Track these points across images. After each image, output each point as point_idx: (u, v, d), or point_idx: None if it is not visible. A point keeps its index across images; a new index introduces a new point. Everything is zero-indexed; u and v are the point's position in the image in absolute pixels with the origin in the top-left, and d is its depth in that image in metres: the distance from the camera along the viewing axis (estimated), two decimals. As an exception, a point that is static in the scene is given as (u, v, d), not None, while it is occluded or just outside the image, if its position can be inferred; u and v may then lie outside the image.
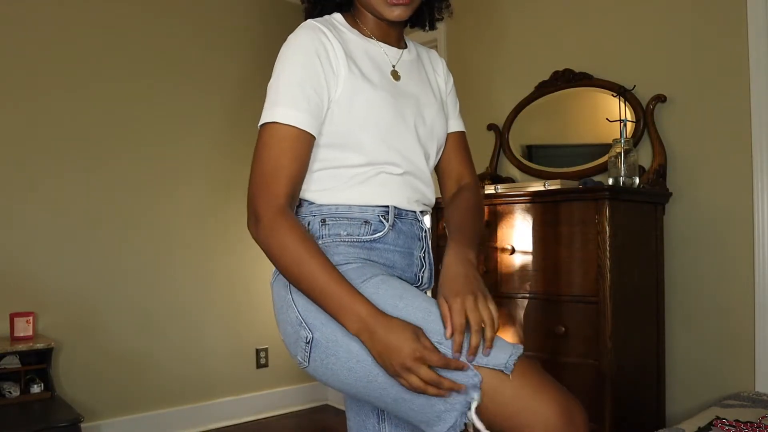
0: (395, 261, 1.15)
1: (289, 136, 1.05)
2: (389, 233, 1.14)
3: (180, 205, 3.25)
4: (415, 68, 1.27)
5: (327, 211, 1.12)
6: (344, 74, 1.10)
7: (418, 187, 1.21)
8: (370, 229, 1.12)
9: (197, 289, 3.29)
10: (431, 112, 1.24)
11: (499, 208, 2.32)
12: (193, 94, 3.30)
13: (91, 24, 3.00)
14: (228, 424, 3.32)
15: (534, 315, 2.19)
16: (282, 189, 1.04)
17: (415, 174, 1.19)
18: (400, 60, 1.23)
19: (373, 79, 1.14)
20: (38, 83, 2.85)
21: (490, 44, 3.06)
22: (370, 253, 1.12)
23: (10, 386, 2.51)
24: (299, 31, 1.11)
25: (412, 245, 1.18)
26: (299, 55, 1.08)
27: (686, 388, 2.28)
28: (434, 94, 1.29)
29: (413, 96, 1.21)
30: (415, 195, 1.20)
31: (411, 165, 1.18)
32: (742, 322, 2.15)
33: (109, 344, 2.99)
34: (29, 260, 2.80)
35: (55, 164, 2.88)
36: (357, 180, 1.13)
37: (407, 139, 1.17)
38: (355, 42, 1.17)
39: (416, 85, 1.24)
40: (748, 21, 2.14)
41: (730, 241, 2.20)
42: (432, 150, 1.25)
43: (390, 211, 1.14)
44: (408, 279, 1.18)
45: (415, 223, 1.20)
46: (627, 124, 2.31)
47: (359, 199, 1.12)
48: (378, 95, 1.13)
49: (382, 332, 0.96)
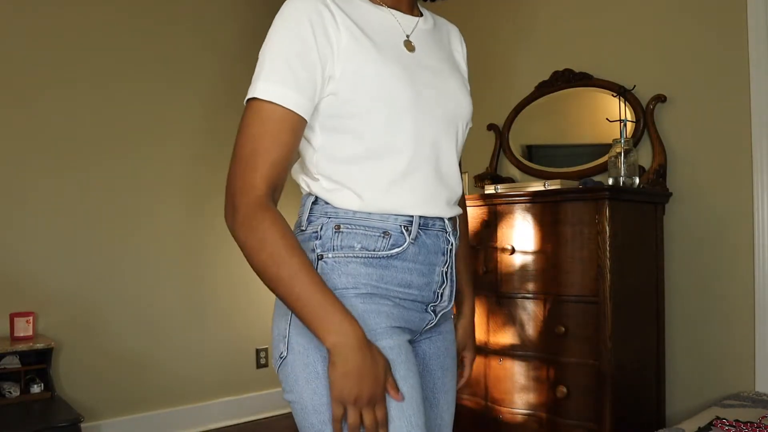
0: (412, 281, 1.00)
1: (271, 117, 0.91)
2: (409, 248, 0.99)
3: (180, 205, 3.25)
4: (433, 39, 1.10)
5: (344, 216, 0.97)
6: (346, 45, 0.94)
7: (447, 184, 1.04)
8: (389, 242, 0.97)
9: (197, 288, 3.29)
10: (455, 87, 1.07)
11: (499, 208, 2.32)
12: (189, 91, 3.30)
13: (85, 24, 3.00)
14: (228, 424, 3.32)
15: (534, 315, 2.19)
16: (262, 177, 0.90)
17: (441, 167, 1.03)
18: (416, 29, 1.07)
19: (386, 50, 0.98)
20: (33, 83, 2.85)
21: (490, 44, 3.06)
22: (385, 273, 0.97)
23: (10, 386, 2.51)
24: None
25: (434, 261, 1.03)
26: (290, 25, 0.93)
27: (686, 388, 2.28)
28: (457, 70, 1.12)
29: (432, 69, 1.04)
30: (443, 194, 1.03)
31: (436, 155, 1.02)
32: (742, 322, 2.15)
33: (109, 344, 2.98)
34: (29, 260, 2.80)
35: (55, 164, 2.88)
36: (380, 183, 0.97)
37: (429, 122, 1.00)
38: (364, 8, 1.01)
39: (435, 56, 1.07)
40: (748, 21, 2.14)
41: (730, 241, 2.20)
42: (461, 133, 1.08)
43: (414, 222, 0.99)
44: (425, 298, 1.03)
45: (442, 235, 1.03)
46: (627, 124, 2.31)
47: (381, 205, 0.97)
48: (390, 69, 0.96)
49: (361, 357, 0.88)
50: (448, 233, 1.05)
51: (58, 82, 2.90)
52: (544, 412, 2.14)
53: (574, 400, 2.06)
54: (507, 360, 2.25)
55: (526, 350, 2.20)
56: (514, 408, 2.22)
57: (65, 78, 2.92)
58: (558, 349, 2.11)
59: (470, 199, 2.42)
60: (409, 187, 0.98)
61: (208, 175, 3.34)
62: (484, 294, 2.34)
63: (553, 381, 2.11)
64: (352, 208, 0.97)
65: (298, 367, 0.95)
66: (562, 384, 2.08)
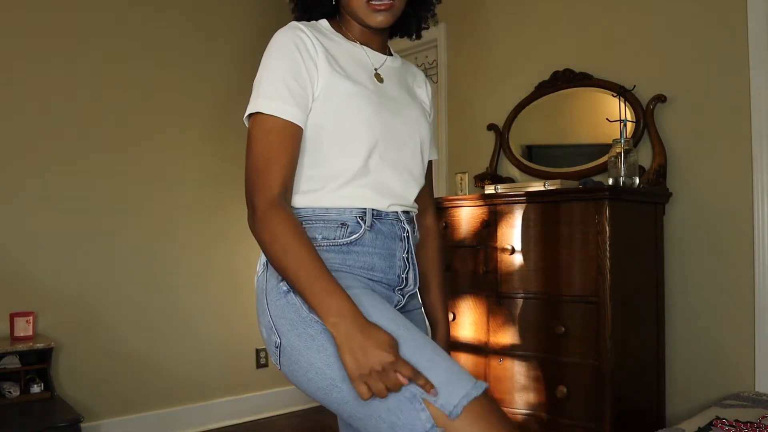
0: (374, 264, 1.13)
1: (275, 128, 1.06)
2: (366, 235, 1.12)
3: (180, 204, 3.25)
4: (398, 75, 1.27)
5: (304, 213, 1.11)
6: (323, 69, 1.10)
7: (402, 187, 1.19)
8: (347, 231, 1.10)
9: (197, 288, 3.29)
10: (415, 115, 1.23)
11: (499, 208, 2.32)
12: (186, 86, 3.29)
13: (80, 10, 3.00)
14: (228, 424, 3.32)
15: (534, 315, 2.19)
16: (274, 180, 1.04)
17: (398, 173, 1.18)
18: (384, 65, 1.24)
19: (355, 76, 1.14)
20: (34, 84, 2.85)
21: (491, 44, 3.06)
22: (347, 257, 1.10)
23: (10, 386, 2.51)
24: (280, 31, 1.12)
25: (393, 246, 1.16)
26: (280, 51, 1.09)
27: (686, 388, 2.28)
28: (417, 102, 1.28)
29: (396, 99, 1.21)
30: (396, 196, 1.18)
31: (394, 163, 1.17)
32: (742, 322, 2.15)
33: (109, 344, 2.98)
34: (29, 260, 2.80)
35: (55, 164, 2.88)
36: (336, 183, 1.12)
37: (391, 136, 1.16)
38: (338, 43, 1.18)
39: (399, 90, 1.23)
40: (748, 21, 2.14)
41: (730, 241, 2.20)
42: (418, 151, 1.23)
43: (367, 213, 1.13)
44: (390, 281, 1.16)
45: (396, 224, 1.17)
46: (627, 124, 2.31)
47: (337, 202, 1.11)
48: (359, 90, 1.12)
49: (360, 332, 0.94)
50: (403, 222, 1.18)
51: (56, 80, 2.90)
52: (544, 412, 2.14)
53: (574, 400, 2.06)
54: (507, 360, 2.25)
55: (526, 350, 2.20)
56: (514, 408, 2.22)
57: (64, 77, 2.92)
58: (558, 349, 2.11)
59: (470, 199, 2.42)
60: (363, 187, 1.12)
61: (209, 177, 3.34)
62: (484, 294, 2.34)
63: (553, 381, 2.11)
64: (311, 206, 1.11)
65: (293, 342, 1.03)
66: (562, 384, 2.08)
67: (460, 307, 2.42)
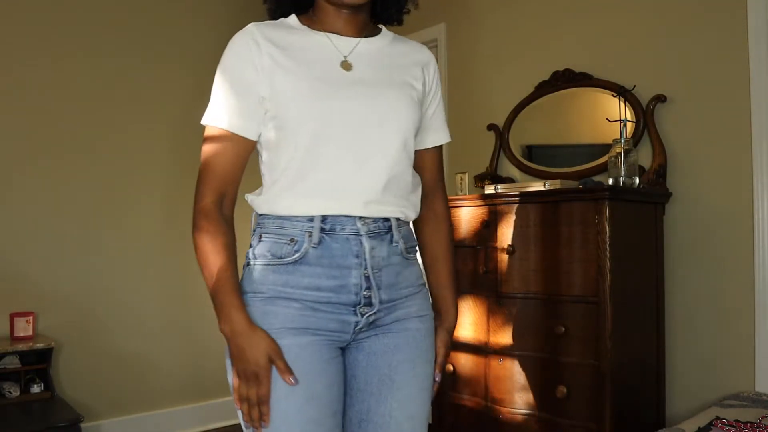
0: (320, 284, 1.08)
1: (216, 136, 1.09)
2: (309, 252, 1.07)
3: (181, 204, 3.25)
4: (379, 56, 1.18)
5: (263, 224, 1.13)
6: (267, 70, 1.08)
7: (365, 181, 1.10)
8: (293, 248, 1.08)
9: (197, 288, 3.29)
10: (393, 96, 1.14)
11: (499, 208, 2.32)
12: (185, 86, 3.30)
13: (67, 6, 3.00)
14: (228, 424, 3.32)
15: (534, 315, 2.19)
16: (207, 189, 1.09)
17: (359, 165, 1.09)
18: (356, 49, 1.16)
19: (307, 69, 1.10)
20: (34, 82, 2.84)
21: (491, 44, 3.06)
22: (290, 278, 1.08)
23: (10, 386, 2.51)
24: (232, 38, 1.13)
25: (346, 264, 1.09)
26: (224, 59, 1.12)
27: (686, 388, 2.28)
28: (400, 82, 1.17)
29: (367, 84, 1.13)
30: (355, 194, 1.09)
31: (354, 155, 1.09)
32: (742, 322, 2.15)
33: (109, 344, 2.98)
34: (29, 260, 2.80)
35: (55, 164, 2.88)
36: (282, 185, 1.09)
37: (347, 133, 1.09)
38: (299, 38, 1.14)
39: (375, 73, 1.16)
40: (748, 21, 2.14)
41: (730, 241, 2.20)
42: (395, 135, 1.13)
43: (315, 227, 1.07)
44: (345, 301, 1.09)
45: (353, 238, 1.09)
46: (627, 124, 2.31)
47: (286, 208, 1.09)
48: (309, 86, 1.08)
49: (243, 339, 1.04)
50: (362, 236, 1.10)
51: (57, 80, 2.90)
52: (544, 412, 2.14)
53: (574, 400, 2.06)
54: (507, 360, 2.25)
55: (526, 350, 2.20)
56: (514, 408, 2.22)
57: (65, 77, 2.92)
58: (558, 349, 2.11)
59: (470, 199, 2.42)
60: (312, 186, 1.08)
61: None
62: (484, 294, 2.34)
63: (553, 381, 2.11)
64: (268, 212, 1.12)
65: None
66: (562, 384, 2.08)
67: (460, 307, 2.42)
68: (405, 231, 1.19)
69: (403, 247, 1.17)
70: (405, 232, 1.19)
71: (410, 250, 1.20)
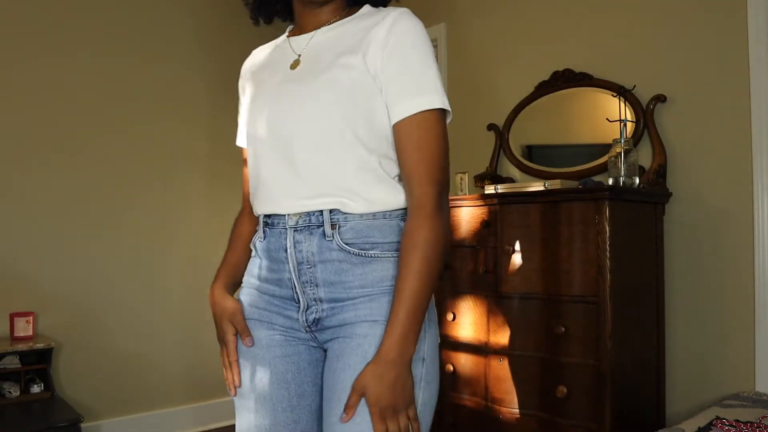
0: (267, 276, 1.14)
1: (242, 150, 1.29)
2: (257, 245, 1.16)
3: (181, 205, 3.25)
4: (330, 43, 1.10)
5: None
6: (247, 89, 1.22)
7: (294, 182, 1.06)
8: (256, 239, 1.18)
9: (197, 288, 3.29)
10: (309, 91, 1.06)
11: (499, 208, 2.32)
12: (185, 85, 3.29)
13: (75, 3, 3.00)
14: (228, 424, 3.32)
15: (534, 315, 2.19)
16: (243, 190, 1.29)
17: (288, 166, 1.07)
18: (310, 42, 1.13)
19: (263, 80, 1.17)
20: (31, 82, 2.85)
21: (490, 44, 3.06)
22: (251, 267, 1.19)
23: (10, 386, 2.51)
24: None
25: (279, 258, 1.09)
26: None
27: (686, 388, 2.28)
28: (328, 67, 1.06)
29: (297, 80, 1.09)
30: (292, 193, 1.07)
31: (286, 158, 1.07)
32: (742, 322, 2.15)
33: (109, 344, 2.98)
34: (29, 260, 2.80)
35: (55, 164, 2.88)
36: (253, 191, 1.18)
37: (272, 136, 1.09)
38: (269, 52, 1.24)
39: (314, 64, 1.09)
40: (748, 21, 2.14)
41: (730, 241, 2.20)
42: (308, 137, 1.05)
43: (260, 220, 1.15)
44: (287, 297, 1.10)
45: (283, 234, 1.08)
46: (627, 124, 2.31)
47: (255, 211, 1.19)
48: (251, 100, 1.17)
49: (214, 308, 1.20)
50: (287, 230, 1.08)
51: (57, 80, 2.90)
52: (544, 412, 2.14)
53: (574, 400, 2.06)
54: (507, 360, 2.25)
55: (526, 350, 2.20)
56: (514, 408, 2.22)
57: (66, 77, 2.92)
58: (558, 349, 2.11)
59: (470, 199, 2.42)
60: (260, 190, 1.14)
61: (209, 177, 3.34)
62: (484, 294, 2.34)
63: (553, 381, 2.11)
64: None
65: None
66: (562, 384, 2.08)
67: (460, 307, 2.42)
68: (355, 224, 1.04)
69: (343, 241, 1.04)
70: (355, 224, 1.04)
71: (367, 246, 1.04)
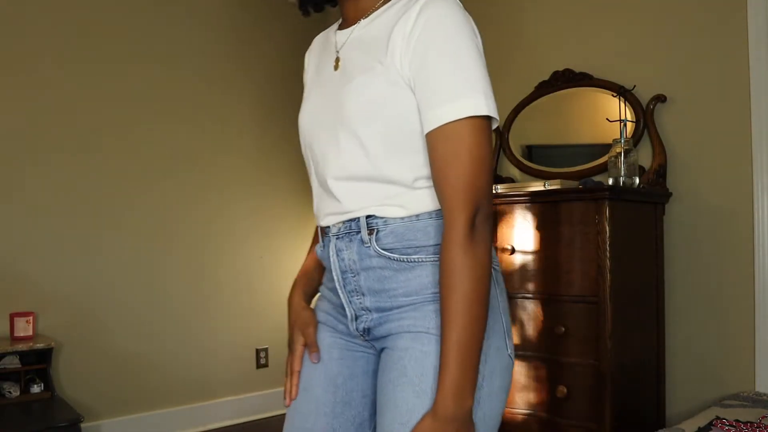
0: (328, 285, 1.10)
1: None
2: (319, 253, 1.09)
3: (181, 205, 3.25)
4: (367, 38, 1.00)
5: None
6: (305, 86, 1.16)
7: (331, 196, 1.01)
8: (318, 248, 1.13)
9: (198, 288, 3.29)
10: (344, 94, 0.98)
11: (499, 208, 2.32)
12: (186, 86, 3.29)
13: (84, 8, 3.00)
14: (228, 424, 3.32)
15: (534, 315, 2.19)
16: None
17: (325, 180, 1.01)
18: (347, 41, 1.03)
19: (313, 79, 1.12)
20: (33, 84, 2.84)
21: (490, 44, 3.05)
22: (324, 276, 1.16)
23: (10, 386, 2.51)
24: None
25: (329, 267, 1.05)
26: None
27: (686, 388, 2.28)
28: (362, 69, 0.97)
29: (335, 82, 1.02)
30: (329, 206, 1.03)
31: (318, 169, 1.04)
32: (742, 322, 2.15)
33: (109, 344, 2.98)
34: (29, 260, 2.80)
35: (56, 164, 2.88)
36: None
37: (316, 133, 1.04)
38: (322, 42, 1.15)
39: (356, 61, 1.00)
40: (748, 21, 2.14)
41: (730, 241, 2.20)
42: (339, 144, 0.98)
43: (318, 231, 1.09)
44: (340, 305, 1.05)
45: (329, 248, 1.03)
46: (627, 124, 2.31)
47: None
48: (306, 95, 1.12)
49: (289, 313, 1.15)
50: (331, 237, 1.02)
51: (57, 80, 2.90)
52: (544, 412, 2.14)
53: (574, 400, 2.06)
54: (507, 360, 2.25)
55: (526, 350, 2.20)
56: (514, 408, 2.22)
57: (66, 76, 2.92)
58: (558, 349, 2.11)
59: (470, 199, 2.42)
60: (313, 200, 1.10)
61: (209, 177, 3.34)
62: (484, 294, 2.34)
63: (553, 381, 2.11)
64: None
65: None
66: (562, 384, 2.08)
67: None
68: (396, 227, 0.97)
69: (382, 247, 0.97)
70: (395, 227, 0.97)
71: (409, 250, 0.96)
